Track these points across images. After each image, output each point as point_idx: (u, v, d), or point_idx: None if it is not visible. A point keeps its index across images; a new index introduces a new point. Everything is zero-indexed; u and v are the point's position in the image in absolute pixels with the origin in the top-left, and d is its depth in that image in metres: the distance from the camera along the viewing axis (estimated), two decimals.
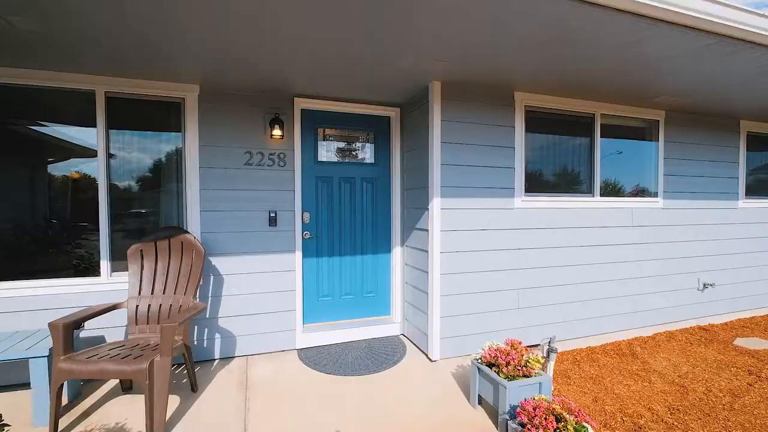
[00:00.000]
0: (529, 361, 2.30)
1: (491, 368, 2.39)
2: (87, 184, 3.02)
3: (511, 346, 2.44)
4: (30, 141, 3.01)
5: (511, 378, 2.26)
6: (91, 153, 2.98)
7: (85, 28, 2.19)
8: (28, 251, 2.95)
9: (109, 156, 3.02)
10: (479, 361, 2.49)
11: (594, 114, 3.70)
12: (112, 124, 3.02)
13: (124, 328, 2.95)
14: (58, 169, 3.06)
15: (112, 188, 3.04)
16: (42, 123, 3.00)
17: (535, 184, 3.55)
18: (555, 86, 3.26)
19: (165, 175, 3.23)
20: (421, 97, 3.34)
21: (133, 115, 3.12)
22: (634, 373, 3.20)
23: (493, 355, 2.37)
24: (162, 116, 3.19)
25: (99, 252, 2.98)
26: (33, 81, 2.81)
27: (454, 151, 3.18)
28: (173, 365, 3.09)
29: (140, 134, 3.17)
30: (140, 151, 3.16)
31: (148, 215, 3.23)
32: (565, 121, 3.68)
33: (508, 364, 2.29)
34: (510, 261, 3.40)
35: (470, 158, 3.24)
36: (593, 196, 3.72)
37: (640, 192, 4.00)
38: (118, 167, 3.09)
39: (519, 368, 2.27)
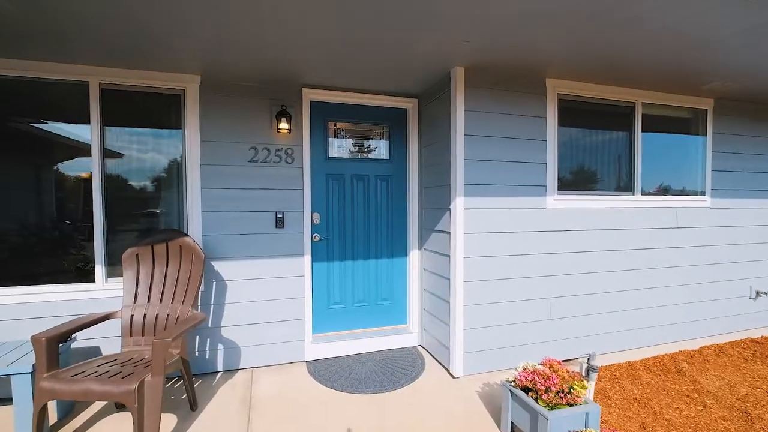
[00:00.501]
0: (574, 387, 1.97)
1: (527, 393, 2.06)
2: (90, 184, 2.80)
3: (550, 367, 2.12)
4: (31, 139, 2.81)
5: (552, 407, 1.94)
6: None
7: (74, 10, 1.95)
8: (19, 255, 2.75)
9: (104, 152, 2.80)
10: (513, 383, 2.17)
11: (634, 103, 3.33)
12: (107, 118, 2.80)
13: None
14: (62, 169, 2.85)
15: (107, 187, 2.82)
16: (40, 120, 2.78)
17: (569, 182, 3.19)
18: (591, 71, 2.91)
19: (164, 174, 3.00)
20: (441, 86, 3.02)
21: (129, 109, 2.90)
22: (684, 394, 2.82)
23: (530, 378, 2.04)
24: (161, 110, 2.96)
25: (94, 256, 2.76)
26: (23, 72, 2.60)
27: (478, 144, 2.85)
28: (173, 378, 2.86)
29: (137, 129, 2.94)
30: (137, 148, 2.93)
31: (146, 216, 3.00)
32: (601, 111, 3.31)
33: (548, 390, 1.96)
34: (541, 267, 3.06)
35: (497, 153, 2.91)
36: (633, 195, 3.34)
37: (663, 190, 3.59)
38: (114, 165, 2.87)
39: (562, 395, 1.94)
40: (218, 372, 3.01)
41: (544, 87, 3.02)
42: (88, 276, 2.78)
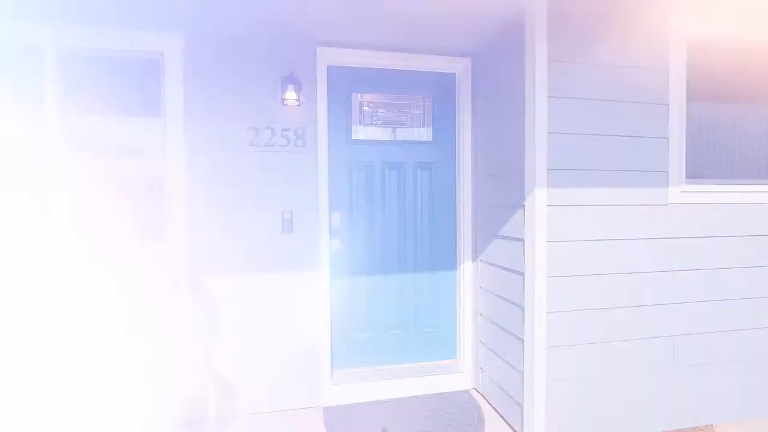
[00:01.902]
0: None
1: None
2: None
3: None
4: None
5: None
6: None
7: None
8: None
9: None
10: None
11: None
12: (66, 93, 2.17)
13: None
14: None
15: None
16: None
17: (701, 165, 2.19)
18: None
19: (141, 162, 2.33)
20: (508, 33, 2.13)
21: (92, 81, 2.25)
22: None
23: None
24: (132, 81, 2.29)
25: None
26: None
27: (566, 111, 1.94)
28: None
29: (102, 108, 2.29)
30: (104, 131, 2.29)
31: None
32: (746, 58, 2.26)
33: None
34: (660, 290, 2.08)
35: (593, 123, 1.98)
36: None
37: None
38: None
39: None
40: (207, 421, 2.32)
41: (665, 24, 2.04)
42: None
